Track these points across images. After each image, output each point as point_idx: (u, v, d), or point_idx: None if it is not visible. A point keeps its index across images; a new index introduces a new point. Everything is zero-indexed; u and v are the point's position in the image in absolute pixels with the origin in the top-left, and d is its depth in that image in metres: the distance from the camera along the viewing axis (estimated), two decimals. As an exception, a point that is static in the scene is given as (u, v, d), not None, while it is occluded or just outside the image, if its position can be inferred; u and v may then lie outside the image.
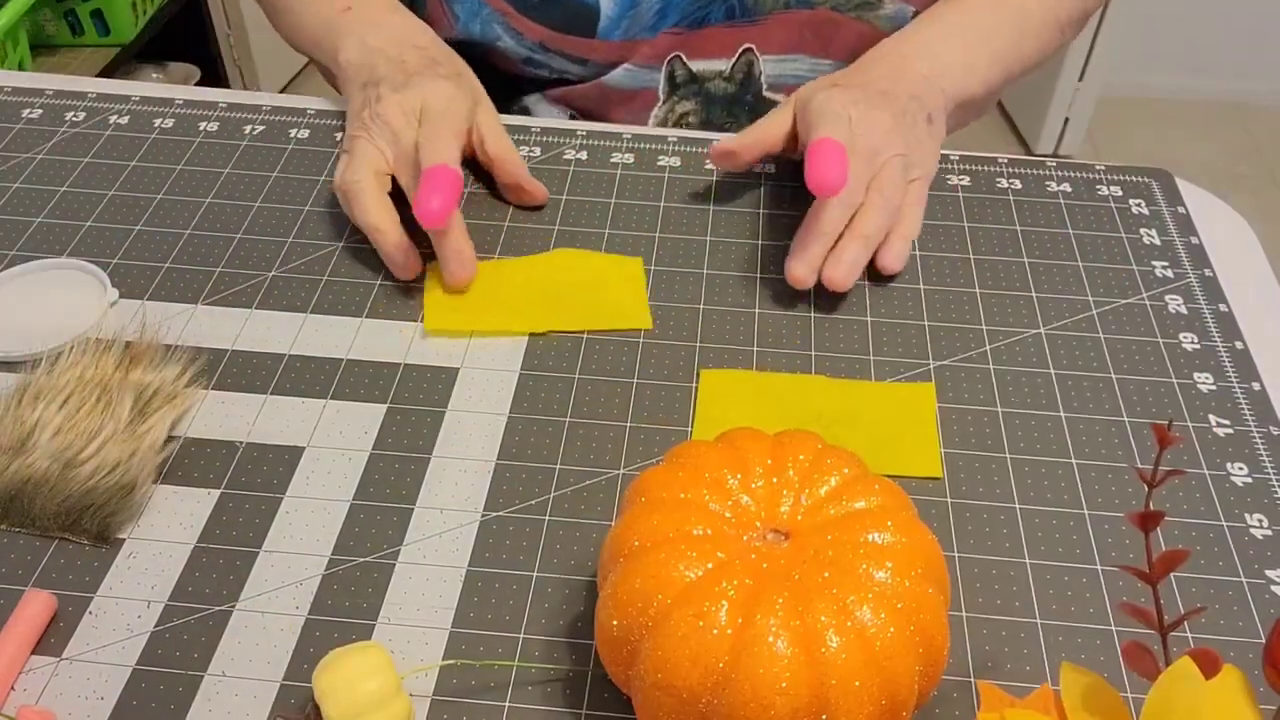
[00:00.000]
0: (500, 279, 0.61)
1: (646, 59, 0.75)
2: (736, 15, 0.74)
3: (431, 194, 0.57)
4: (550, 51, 0.74)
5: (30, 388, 0.52)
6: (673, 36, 0.75)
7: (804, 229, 0.60)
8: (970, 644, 0.46)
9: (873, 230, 0.60)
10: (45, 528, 0.49)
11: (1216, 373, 0.57)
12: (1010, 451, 0.53)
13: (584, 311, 0.60)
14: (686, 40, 0.75)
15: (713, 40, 0.75)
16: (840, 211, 0.60)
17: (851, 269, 0.59)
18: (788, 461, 0.42)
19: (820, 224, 0.59)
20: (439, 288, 0.60)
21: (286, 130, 0.72)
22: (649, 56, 0.75)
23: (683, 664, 0.37)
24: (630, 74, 0.76)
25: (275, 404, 0.55)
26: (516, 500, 0.51)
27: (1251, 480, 0.52)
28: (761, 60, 0.76)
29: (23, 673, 0.44)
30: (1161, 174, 0.70)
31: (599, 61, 0.75)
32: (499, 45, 0.74)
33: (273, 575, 0.48)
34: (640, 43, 0.75)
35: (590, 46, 0.74)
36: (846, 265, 0.59)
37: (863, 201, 0.60)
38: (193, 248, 0.63)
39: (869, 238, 0.60)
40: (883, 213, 0.60)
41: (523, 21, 0.73)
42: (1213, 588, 0.48)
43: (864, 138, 0.61)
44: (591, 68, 0.76)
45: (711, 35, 0.75)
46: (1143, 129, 2.48)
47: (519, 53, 0.75)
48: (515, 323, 0.59)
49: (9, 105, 0.74)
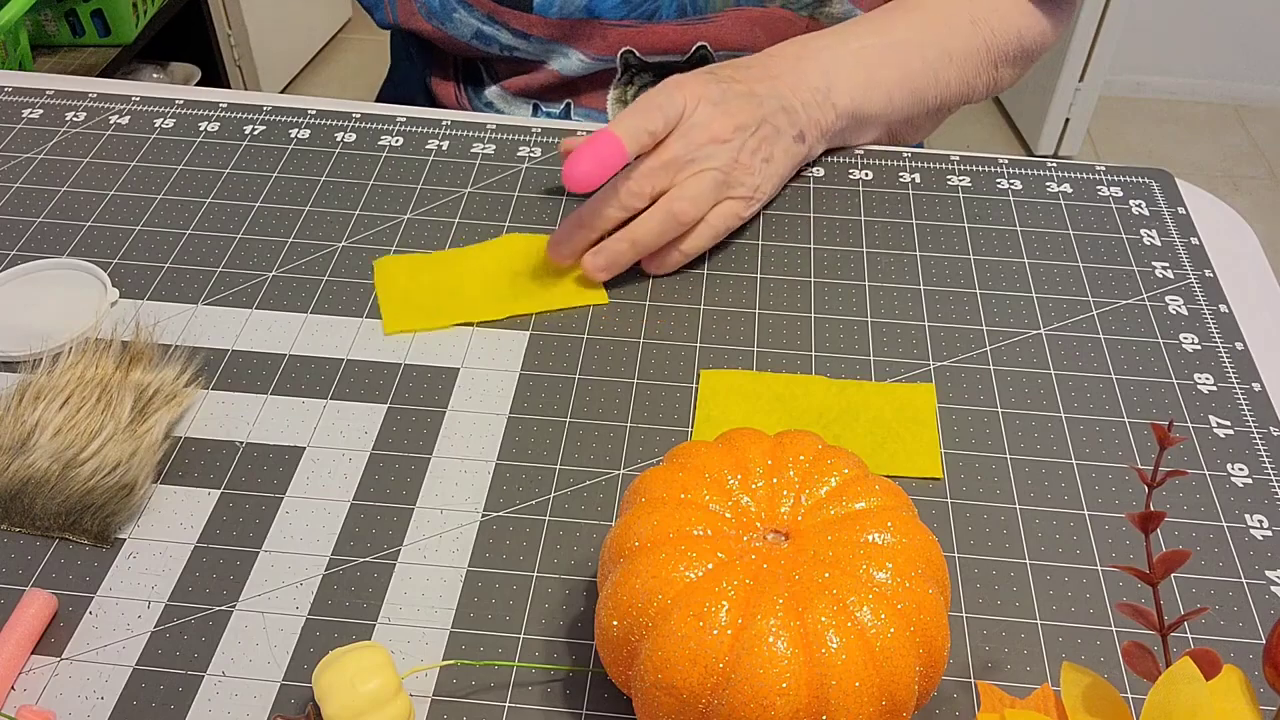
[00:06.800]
0: (450, 270, 0.62)
1: (600, 50, 0.76)
2: (688, 12, 0.74)
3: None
4: (497, 24, 0.75)
5: (30, 388, 0.52)
6: (623, 30, 0.75)
7: (575, 213, 0.60)
8: (970, 644, 0.46)
9: (645, 238, 0.60)
10: (45, 528, 0.49)
11: (1217, 373, 0.57)
12: (1010, 452, 0.53)
13: (539, 294, 0.61)
14: (638, 34, 0.75)
15: (664, 37, 0.75)
16: (613, 211, 0.60)
17: (610, 265, 0.60)
18: (788, 462, 0.42)
19: (587, 215, 0.60)
20: (390, 287, 0.61)
21: (286, 130, 0.72)
22: (601, 49, 0.75)
23: (683, 664, 0.37)
24: (585, 64, 0.76)
25: (275, 404, 0.55)
26: (516, 500, 0.51)
27: (1252, 481, 0.52)
28: (715, 57, 0.76)
29: (23, 673, 0.44)
30: (1162, 174, 0.70)
31: (541, 37, 0.75)
32: (455, 17, 0.75)
33: (273, 575, 0.48)
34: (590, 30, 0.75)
35: (529, 21, 0.74)
36: (604, 259, 0.60)
37: (646, 207, 0.60)
38: (193, 248, 0.63)
39: (637, 244, 0.60)
40: (662, 223, 0.59)
41: None
42: (1213, 588, 0.48)
43: (681, 142, 0.60)
44: (535, 44, 0.76)
45: (663, 31, 0.75)
46: (1143, 129, 2.48)
47: (470, 24, 0.75)
48: (472, 312, 0.59)
49: (10, 105, 0.74)
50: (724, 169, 0.60)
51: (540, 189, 0.68)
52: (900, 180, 0.69)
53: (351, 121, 0.73)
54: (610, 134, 0.57)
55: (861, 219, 0.66)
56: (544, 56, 0.77)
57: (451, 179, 0.68)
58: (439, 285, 0.61)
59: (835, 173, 0.69)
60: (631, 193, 0.59)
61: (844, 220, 0.66)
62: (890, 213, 0.67)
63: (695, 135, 0.60)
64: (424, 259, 0.62)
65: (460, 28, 0.75)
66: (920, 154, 0.71)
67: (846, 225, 0.66)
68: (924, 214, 0.67)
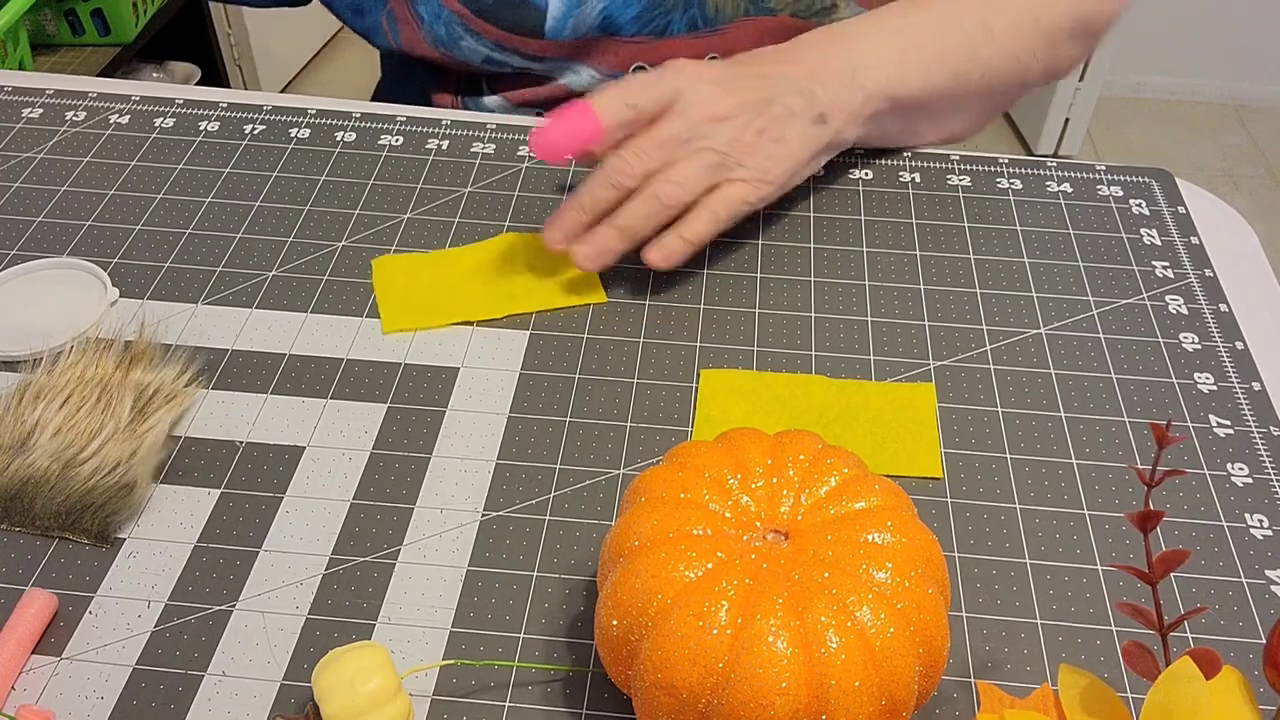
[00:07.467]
0: (449, 269, 0.62)
1: (612, 66, 0.75)
2: (699, 25, 0.74)
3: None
4: (507, 50, 0.74)
5: (30, 387, 0.52)
6: (636, 45, 0.74)
7: (572, 194, 0.58)
8: (970, 644, 0.46)
9: (631, 223, 0.57)
10: (45, 527, 0.49)
11: (1217, 373, 0.57)
12: (1010, 451, 0.53)
13: (538, 293, 0.60)
14: (650, 50, 0.74)
15: (676, 50, 0.74)
16: (603, 190, 0.57)
17: (599, 253, 0.57)
18: (788, 461, 0.42)
19: (579, 195, 0.57)
20: (389, 286, 0.61)
21: (286, 130, 0.72)
22: (614, 64, 0.75)
23: (682, 664, 0.37)
24: (596, 79, 0.76)
25: (275, 404, 0.55)
26: (516, 500, 0.51)
27: (1252, 480, 0.52)
28: None
29: (23, 672, 0.44)
30: (1162, 174, 0.70)
31: (555, 58, 0.75)
32: (462, 44, 0.75)
33: (273, 575, 0.48)
34: (602, 47, 0.74)
35: (541, 46, 0.74)
36: (592, 247, 0.57)
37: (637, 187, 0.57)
38: (193, 248, 0.63)
39: (624, 230, 0.57)
40: (648, 207, 0.56)
41: (477, 22, 0.74)
42: (1213, 588, 0.48)
43: (677, 119, 0.57)
44: (550, 64, 0.75)
45: (675, 46, 0.74)
46: (1143, 129, 2.48)
47: (480, 51, 0.75)
48: (471, 311, 0.59)
49: (9, 105, 0.74)
50: (722, 149, 0.57)
51: (540, 189, 0.68)
52: (900, 180, 0.69)
53: (351, 121, 0.73)
54: (585, 103, 0.55)
55: (861, 218, 0.66)
56: (555, 73, 0.76)
57: (451, 179, 0.68)
58: (438, 284, 0.61)
59: (835, 172, 0.69)
60: (621, 171, 0.57)
61: (844, 220, 0.66)
62: (890, 212, 0.67)
63: (693, 112, 0.57)
64: (423, 258, 0.62)
65: (469, 54, 0.75)
66: (920, 153, 0.71)
67: (846, 225, 0.66)
68: (924, 213, 0.67)
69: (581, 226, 0.58)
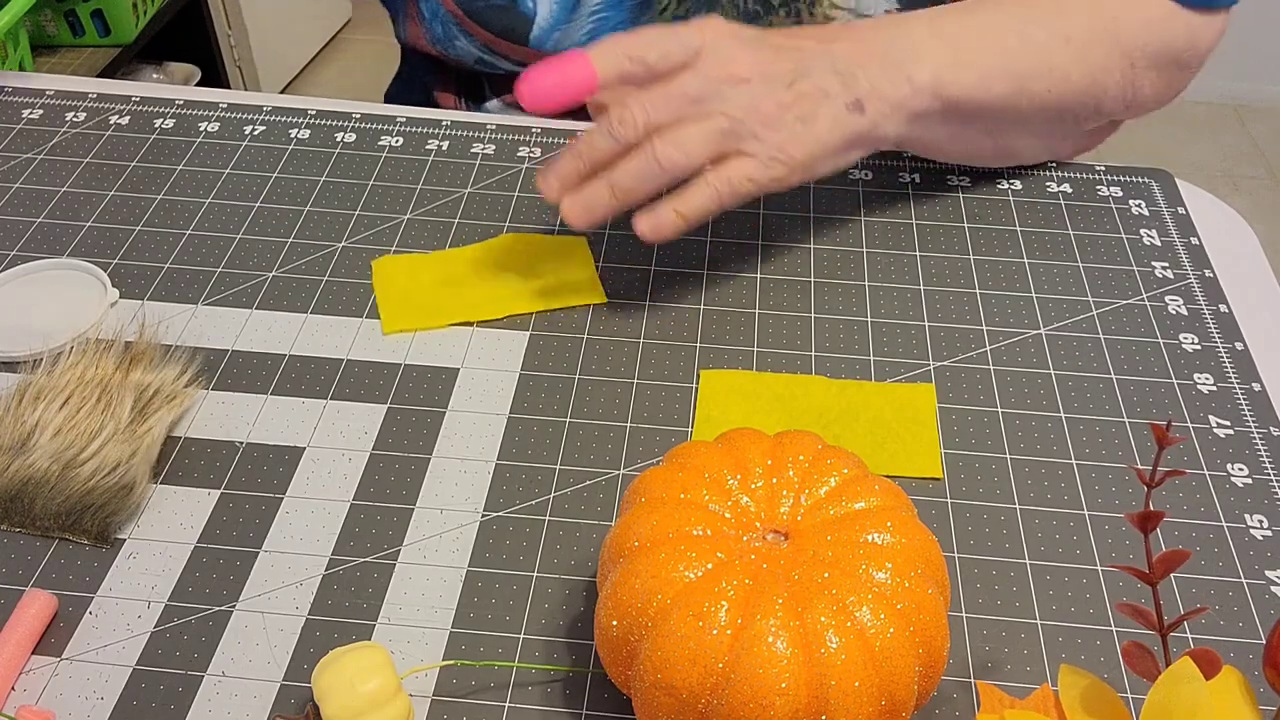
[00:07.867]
0: (449, 270, 0.62)
1: None
2: None
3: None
4: (496, 54, 0.74)
5: (30, 388, 0.52)
6: None
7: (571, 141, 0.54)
8: (970, 644, 0.46)
9: (624, 182, 0.53)
10: (45, 528, 0.49)
11: (1216, 373, 0.57)
12: (1010, 452, 0.53)
13: (537, 293, 0.60)
14: None
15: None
16: (601, 140, 0.53)
17: (587, 210, 0.53)
18: (787, 462, 0.42)
19: (578, 141, 0.53)
20: (388, 287, 0.61)
21: (286, 130, 0.72)
22: None
23: (682, 664, 0.37)
24: None
25: (275, 404, 0.55)
26: (516, 500, 0.51)
27: (1251, 481, 0.52)
28: None
29: (23, 673, 0.44)
30: (1162, 174, 0.70)
31: None
32: (456, 44, 0.75)
33: (273, 575, 0.48)
34: None
35: (526, 53, 0.73)
36: (582, 203, 0.53)
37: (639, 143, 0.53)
38: (193, 248, 0.63)
39: (616, 188, 0.53)
40: (645, 166, 0.52)
41: (469, 23, 0.74)
42: (1213, 588, 0.48)
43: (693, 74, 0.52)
44: None
45: None
46: (1143, 129, 2.48)
47: (471, 52, 0.75)
48: (470, 312, 0.59)
49: (9, 105, 0.74)
50: (736, 115, 0.52)
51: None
52: (900, 180, 0.69)
53: (351, 122, 0.73)
54: (581, 51, 0.52)
55: (861, 219, 0.66)
56: None
57: (451, 179, 0.68)
58: (438, 285, 0.61)
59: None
60: (622, 120, 0.52)
61: (844, 220, 0.66)
62: (890, 213, 0.67)
63: (711, 68, 0.52)
64: (422, 259, 0.62)
65: (463, 54, 0.75)
66: (920, 154, 0.71)
67: (846, 225, 0.66)
68: (924, 214, 0.67)
69: (578, 175, 0.54)
